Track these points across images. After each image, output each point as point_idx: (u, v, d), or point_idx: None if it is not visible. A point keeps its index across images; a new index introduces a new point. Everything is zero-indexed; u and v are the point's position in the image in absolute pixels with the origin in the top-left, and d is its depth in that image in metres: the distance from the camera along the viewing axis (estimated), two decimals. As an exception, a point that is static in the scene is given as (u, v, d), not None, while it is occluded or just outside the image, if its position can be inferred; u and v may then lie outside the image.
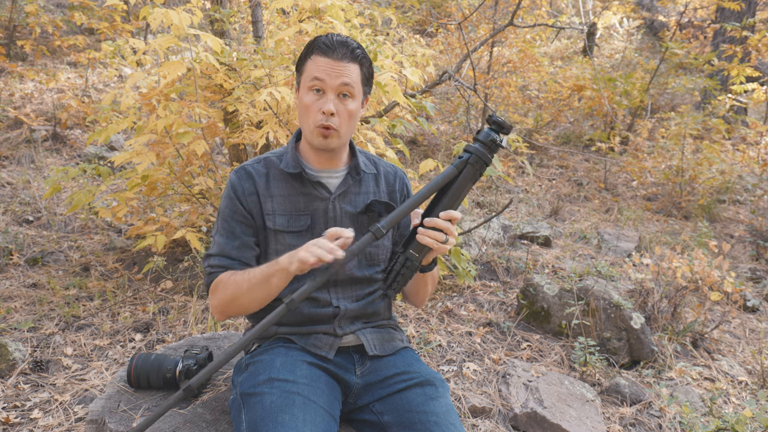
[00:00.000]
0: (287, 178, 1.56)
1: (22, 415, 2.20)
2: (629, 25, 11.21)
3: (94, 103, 5.74)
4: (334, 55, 1.46)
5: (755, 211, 5.69)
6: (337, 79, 1.46)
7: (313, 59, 1.48)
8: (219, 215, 1.58)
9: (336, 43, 1.47)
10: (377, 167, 1.67)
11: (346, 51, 1.47)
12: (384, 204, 1.61)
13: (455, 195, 1.34)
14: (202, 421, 1.52)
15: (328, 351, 1.53)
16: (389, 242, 1.66)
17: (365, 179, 1.63)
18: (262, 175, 1.57)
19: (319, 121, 1.48)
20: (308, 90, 1.49)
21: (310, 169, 1.58)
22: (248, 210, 1.54)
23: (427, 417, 1.40)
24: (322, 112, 1.47)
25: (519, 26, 5.02)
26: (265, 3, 4.21)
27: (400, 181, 1.69)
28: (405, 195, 1.70)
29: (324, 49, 1.47)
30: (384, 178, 1.67)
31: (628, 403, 2.57)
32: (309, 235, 1.55)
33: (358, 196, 1.60)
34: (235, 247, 1.53)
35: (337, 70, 1.46)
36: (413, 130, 6.72)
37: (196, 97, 3.04)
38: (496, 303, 3.45)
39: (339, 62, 1.47)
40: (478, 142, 1.33)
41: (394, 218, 1.32)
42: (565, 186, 6.34)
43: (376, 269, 1.63)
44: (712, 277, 3.13)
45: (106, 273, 3.41)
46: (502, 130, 1.33)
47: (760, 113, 8.39)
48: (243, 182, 1.55)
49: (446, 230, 1.34)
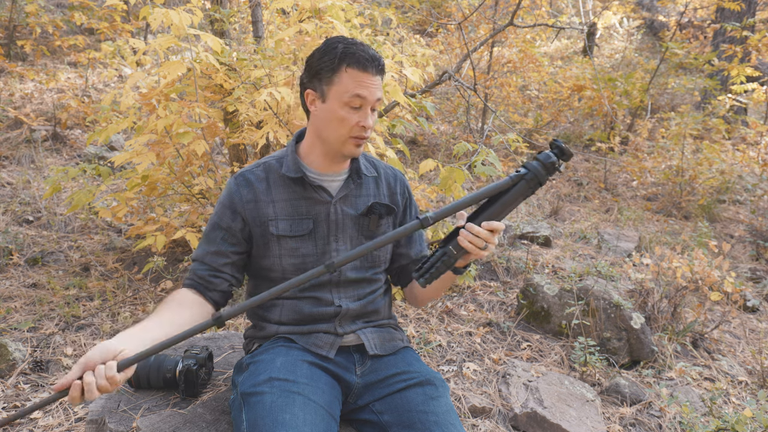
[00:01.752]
0: (288, 183, 1.57)
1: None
2: (629, 25, 11.21)
3: (94, 103, 5.74)
4: (371, 70, 1.48)
5: (755, 211, 5.69)
6: (375, 96, 1.50)
7: (350, 73, 1.47)
8: (210, 217, 1.59)
9: (371, 57, 1.48)
10: (377, 169, 1.68)
11: (378, 65, 1.50)
12: (385, 206, 1.62)
13: (503, 206, 1.36)
14: (202, 421, 1.52)
15: (328, 350, 1.54)
16: (391, 246, 1.67)
17: (366, 182, 1.64)
18: (262, 180, 1.57)
19: (357, 133, 1.50)
20: (344, 104, 1.48)
21: (311, 172, 1.58)
22: (243, 218, 1.54)
23: (427, 417, 1.41)
24: (362, 126, 1.49)
25: (519, 26, 5.02)
26: (265, 3, 4.21)
27: (401, 184, 1.70)
28: (407, 197, 1.71)
29: (363, 63, 1.47)
30: (385, 180, 1.67)
31: (628, 403, 2.57)
32: (311, 239, 1.56)
33: (359, 199, 1.61)
34: (210, 252, 1.55)
35: (375, 84, 1.49)
36: (413, 130, 6.72)
37: (196, 97, 3.04)
38: (496, 303, 3.45)
39: (374, 77, 1.49)
40: (537, 162, 1.35)
41: (444, 213, 1.32)
42: (565, 186, 6.34)
43: (376, 270, 1.64)
44: (712, 277, 3.13)
45: (106, 273, 3.41)
46: (563, 156, 1.36)
47: (760, 113, 8.39)
48: (241, 189, 1.56)
49: (486, 239, 1.35)
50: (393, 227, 1.67)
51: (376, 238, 1.60)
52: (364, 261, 1.61)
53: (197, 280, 1.54)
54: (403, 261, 1.72)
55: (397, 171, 1.73)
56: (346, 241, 1.59)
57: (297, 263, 1.55)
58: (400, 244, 1.69)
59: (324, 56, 1.49)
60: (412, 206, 1.73)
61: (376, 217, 1.60)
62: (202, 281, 1.54)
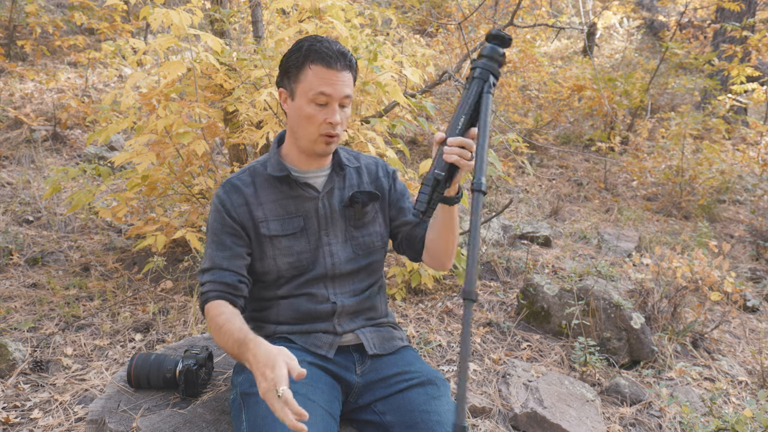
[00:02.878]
0: (274, 183, 1.57)
1: (22, 415, 2.20)
2: (629, 25, 11.22)
3: (94, 103, 5.74)
4: (336, 66, 1.46)
5: (755, 211, 5.69)
6: (341, 92, 1.48)
7: (314, 70, 1.46)
8: (208, 230, 1.57)
9: (336, 53, 1.46)
10: (358, 159, 1.70)
11: (345, 61, 1.48)
12: (367, 193, 1.63)
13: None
14: (202, 421, 1.52)
15: (328, 350, 1.54)
16: (384, 228, 1.67)
17: (348, 173, 1.65)
18: (249, 184, 1.57)
19: (325, 131, 1.49)
20: (310, 102, 1.48)
21: (295, 171, 1.59)
22: (238, 222, 1.54)
23: (430, 416, 1.41)
24: (329, 123, 1.48)
25: (519, 26, 5.03)
26: (265, 3, 4.21)
27: (382, 168, 1.71)
28: (391, 180, 1.71)
29: (326, 60, 1.45)
30: (366, 168, 1.68)
31: (628, 403, 2.57)
32: (304, 236, 1.56)
33: (343, 191, 1.63)
34: (226, 257, 1.52)
35: (340, 81, 1.47)
36: (413, 130, 6.72)
37: (196, 97, 3.04)
38: (496, 303, 3.45)
39: (340, 73, 1.47)
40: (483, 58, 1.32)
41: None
42: (565, 186, 6.34)
43: (372, 258, 1.64)
44: (712, 277, 3.13)
45: (106, 273, 3.41)
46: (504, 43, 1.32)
47: (760, 113, 8.39)
48: (231, 195, 1.55)
49: (466, 146, 1.31)
50: (381, 212, 1.67)
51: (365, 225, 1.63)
52: (357, 249, 1.61)
53: (226, 289, 1.50)
54: (404, 229, 1.69)
55: (378, 158, 1.75)
56: (337, 234, 1.60)
57: (292, 261, 1.55)
58: (395, 217, 1.68)
59: (292, 54, 1.50)
60: (397, 183, 1.71)
61: (359, 205, 1.61)
62: (231, 289, 1.51)
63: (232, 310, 1.46)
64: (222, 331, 1.40)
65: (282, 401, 1.17)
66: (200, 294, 1.54)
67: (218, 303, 1.47)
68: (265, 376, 1.20)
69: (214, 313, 1.45)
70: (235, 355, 1.36)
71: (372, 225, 1.65)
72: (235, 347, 1.34)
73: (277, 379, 1.18)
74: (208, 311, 1.48)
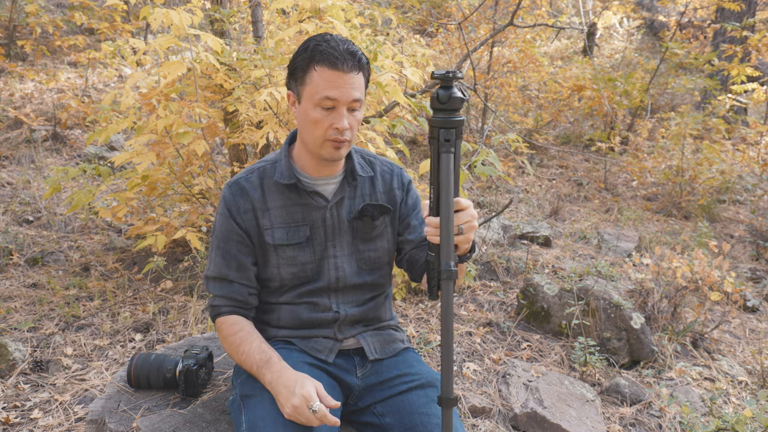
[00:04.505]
0: (282, 189, 1.51)
1: (22, 415, 2.20)
2: (629, 25, 11.21)
3: (94, 103, 5.74)
4: (343, 67, 1.36)
5: (755, 211, 5.69)
6: (349, 96, 1.38)
7: (320, 72, 1.37)
8: (214, 232, 1.54)
9: (343, 53, 1.36)
10: (373, 167, 1.61)
11: (354, 61, 1.38)
12: (378, 207, 1.56)
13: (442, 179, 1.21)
14: (202, 421, 1.52)
15: (328, 355, 1.53)
16: (391, 244, 1.62)
17: (361, 183, 1.57)
18: (257, 187, 1.51)
19: (332, 136, 1.41)
20: (316, 106, 1.39)
21: (305, 177, 1.52)
22: (244, 228, 1.50)
23: (429, 419, 1.40)
24: (336, 128, 1.40)
25: (519, 26, 5.02)
26: (265, 3, 4.20)
27: (397, 179, 1.62)
28: (404, 192, 1.63)
29: (332, 61, 1.36)
30: (381, 178, 1.60)
31: (628, 403, 2.57)
32: (309, 246, 1.52)
33: (354, 201, 1.56)
34: (233, 269, 1.50)
35: (348, 83, 1.37)
36: (413, 130, 6.72)
37: (196, 97, 3.04)
38: (496, 303, 3.45)
39: (347, 75, 1.37)
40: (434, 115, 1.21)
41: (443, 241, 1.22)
42: (565, 186, 6.34)
43: (377, 274, 1.60)
44: (712, 277, 3.13)
45: (106, 273, 3.41)
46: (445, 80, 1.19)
47: (760, 113, 8.38)
48: (237, 199, 1.50)
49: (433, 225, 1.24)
50: (390, 226, 1.61)
51: (373, 240, 1.58)
52: (362, 264, 1.57)
53: (237, 304, 1.51)
54: (408, 247, 1.63)
55: (394, 165, 1.65)
56: (343, 246, 1.55)
57: (296, 271, 1.52)
58: (401, 232, 1.63)
59: (298, 55, 1.42)
60: (410, 196, 1.64)
61: (369, 219, 1.54)
62: (243, 305, 1.52)
63: (248, 328, 1.49)
64: (240, 351, 1.44)
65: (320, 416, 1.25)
66: (210, 306, 1.53)
67: (232, 319, 1.50)
68: (294, 392, 1.28)
69: (229, 332, 1.48)
70: (252, 373, 1.42)
71: (380, 240, 1.58)
72: (254, 368, 1.40)
73: (309, 396, 1.26)
74: (220, 326, 1.50)
